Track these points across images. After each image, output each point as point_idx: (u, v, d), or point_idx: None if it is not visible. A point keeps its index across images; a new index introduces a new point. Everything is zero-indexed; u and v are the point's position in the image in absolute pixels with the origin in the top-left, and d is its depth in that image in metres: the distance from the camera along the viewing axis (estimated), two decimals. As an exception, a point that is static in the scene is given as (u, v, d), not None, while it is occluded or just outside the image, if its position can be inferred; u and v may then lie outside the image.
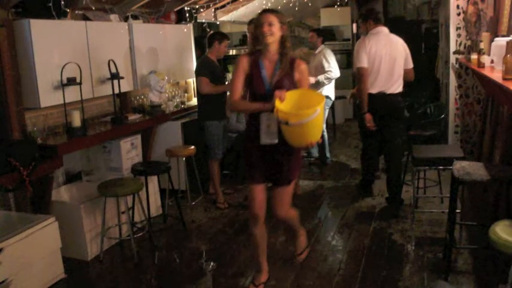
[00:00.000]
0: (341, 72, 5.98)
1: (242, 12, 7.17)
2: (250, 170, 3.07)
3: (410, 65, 4.56)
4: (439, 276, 3.25)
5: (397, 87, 4.49)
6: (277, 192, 3.09)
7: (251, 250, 3.54)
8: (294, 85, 2.98)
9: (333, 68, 5.71)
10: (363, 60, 4.43)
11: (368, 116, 4.46)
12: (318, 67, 5.75)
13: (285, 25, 2.98)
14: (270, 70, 2.98)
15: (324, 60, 5.71)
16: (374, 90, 4.45)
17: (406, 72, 4.54)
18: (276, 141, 2.88)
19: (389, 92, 4.45)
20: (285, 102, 2.76)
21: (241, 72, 3.00)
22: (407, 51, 4.53)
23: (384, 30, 4.57)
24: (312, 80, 5.56)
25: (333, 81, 5.87)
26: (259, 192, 3.07)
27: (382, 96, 4.45)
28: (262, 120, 2.89)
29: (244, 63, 3.01)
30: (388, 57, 4.42)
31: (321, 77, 5.66)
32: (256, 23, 2.99)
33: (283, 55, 2.98)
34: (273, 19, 2.91)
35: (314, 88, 5.74)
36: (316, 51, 5.90)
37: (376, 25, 4.57)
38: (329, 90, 5.88)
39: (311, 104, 2.71)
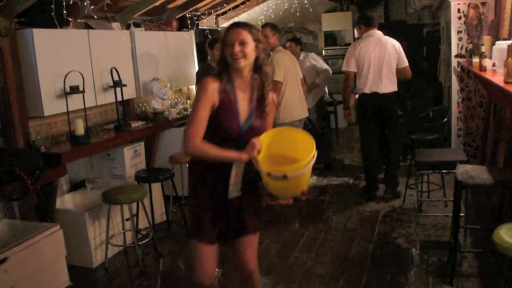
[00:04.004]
0: (342, 77, 6.14)
1: (243, 19, 7.22)
2: (203, 224, 2.35)
3: (405, 64, 4.74)
4: (444, 280, 3.25)
5: (389, 86, 4.67)
6: (247, 241, 2.46)
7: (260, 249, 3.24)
8: (265, 123, 2.37)
9: (327, 69, 6.27)
10: (350, 65, 4.72)
11: (347, 112, 4.99)
12: (310, 72, 6.14)
13: (261, 44, 2.27)
14: (245, 104, 2.28)
15: (316, 64, 6.18)
16: (367, 90, 4.69)
17: (401, 70, 4.74)
18: (241, 192, 2.32)
19: (382, 91, 4.65)
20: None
21: (209, 103, 2.19)
22: (400, 50, 4.71)
23: (376, 33, 4.73)
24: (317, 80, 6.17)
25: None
26: (211, 253, 2.39)
27: (375, 95, 4.66)
28: (233, 171, 2.25)
29: (214, 91, 2.20)
30: (377, 59, 4.62)
31: (319, 81, 6.18)
32: (225, 41, 2.23)
33: (260, 85, 2.30)
34: (246, 36, 2.20)
35: (314, 91, 6.15)
36: (301, 58, 6.18)
37: (368, 29, 4.77)
38: (325, 89, 6.59)
39: (287, 146, 2.30)
